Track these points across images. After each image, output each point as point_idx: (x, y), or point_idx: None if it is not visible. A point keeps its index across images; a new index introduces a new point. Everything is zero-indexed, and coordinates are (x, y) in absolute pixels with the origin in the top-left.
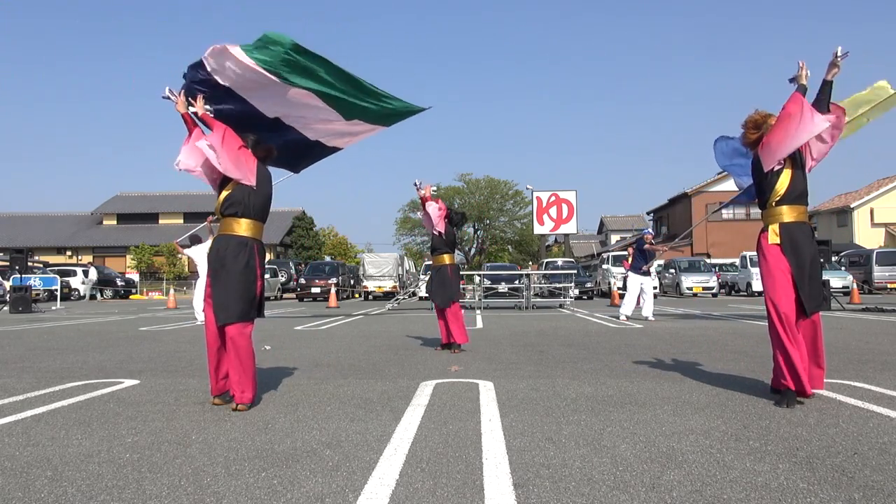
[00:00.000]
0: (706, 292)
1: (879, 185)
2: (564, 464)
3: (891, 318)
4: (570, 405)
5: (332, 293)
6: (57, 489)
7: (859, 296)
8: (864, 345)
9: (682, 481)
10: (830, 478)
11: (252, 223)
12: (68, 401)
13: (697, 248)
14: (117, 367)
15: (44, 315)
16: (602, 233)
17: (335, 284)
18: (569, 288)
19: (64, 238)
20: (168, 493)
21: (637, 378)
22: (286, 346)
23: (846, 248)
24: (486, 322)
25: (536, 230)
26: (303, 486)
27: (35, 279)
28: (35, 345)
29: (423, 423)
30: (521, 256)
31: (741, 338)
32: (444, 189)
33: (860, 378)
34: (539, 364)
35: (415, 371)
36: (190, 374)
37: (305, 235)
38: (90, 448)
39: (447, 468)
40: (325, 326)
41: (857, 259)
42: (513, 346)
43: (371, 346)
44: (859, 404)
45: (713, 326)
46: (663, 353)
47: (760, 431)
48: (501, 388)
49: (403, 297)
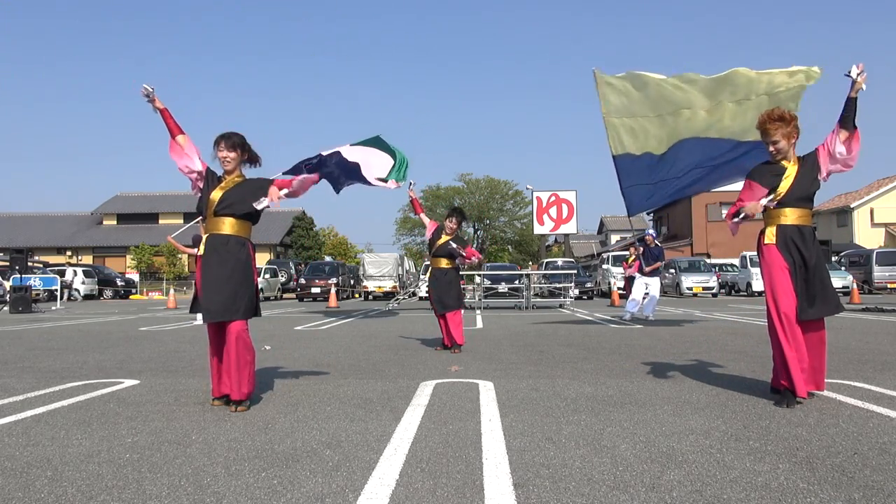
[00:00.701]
0: (706, 292)
1: (879, 185)
2: (564, 464)
3: (891, 318)
4: (570, 405)
5: (332, 293)
6: (57, 489)
7: (859, 296)
8: (864, 345)
9: (682, 481)
10: (830, 478)
11: (246, 223)
12: (68, 401)
13: (697, 248)
14: (117, 367)
15: (44, 315)
16: (602, 233)
17: (335, 284)
18: (569, 288)
19: (64, 238)
20: (168, 493)
21: (637, 378)
22: (286, 346)
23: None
24: (486, 322)
25: (536, 230)
26: (303, 486)
27: (35, 279)
28: (35, 345)
29: (423, 423)
30: (521, 256)
31: (741, 338)
32: (444, 189)
33: (860, 378)
34: (539, 364)
35: (415, 371)
36: (190, 374)
37: (305, 235)
38: (90, 448)
39: (447, 468)
40: (325, 326)
41: (857, 259)
42: (513, 346)
43: (371, 346)
44: (859, 404)
45: (713, 326)
46: (663, 353)
47: (760, 431)
48: (501, 388)
49: (403, 297)
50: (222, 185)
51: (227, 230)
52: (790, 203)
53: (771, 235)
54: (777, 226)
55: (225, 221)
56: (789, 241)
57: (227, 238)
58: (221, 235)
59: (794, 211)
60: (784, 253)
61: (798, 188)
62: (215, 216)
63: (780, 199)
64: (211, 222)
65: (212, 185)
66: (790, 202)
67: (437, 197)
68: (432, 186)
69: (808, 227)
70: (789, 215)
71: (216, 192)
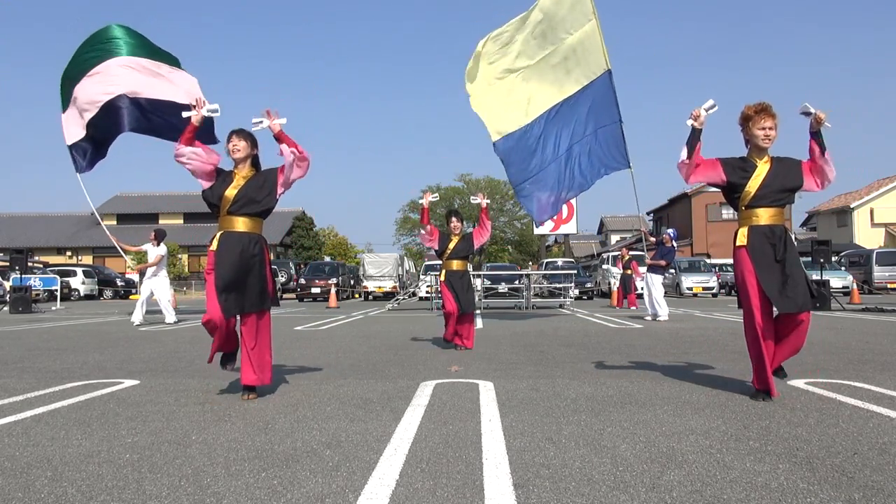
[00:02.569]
0: (706, 292)
1: (879, 185)
2: (564, 464)
3: (891, 318)
4: (570, 405)
5: (332, 293)
6: (57, 489)
7: (859, 296)
8: (864, 345)
9: (682, 481)
10: (830, 478)
11: (258, 220)
12: (68, 401)
13: (697, 248)
14: (117, 367)
15: (44, 315)
16: (602, 233)
17: (335, 285)
18: (569, 288)
19: (64, 238)
20: (168, 493)
21: (637, 378)
22: (286, 346)
23: (846, 248)
24: (486, 322)
25: (536, 230)
26: (303, 486)
27: (35, 279)
28: (35, 345)
29: (423, 424)
30: (521, 256)
31: (741, 338)
32: (444, 189)
33: (860, 378)
34: (539, 364)
35: (415, 371)
36: (190, 375)
37: (305, 235)
38: (90, 448)
39: (447, 468)
40: (325, 327)
41: (857, 259)
42: (513, 346)
43: (371, 346)
44: (859, 404)
45: (713, 326)
46: (663, 353)
47: (760, 431)
48: (501, 389)
49: (403, 297)
50: (234, 184)
51: (240, 228)
52: (761, 203)
53: (742, 237)
54: (749, 227)
55: (238, 220)
56: (761, 241)
57: (239, 235)
58: (235, 233)
59: (766, 211)
60: (754, 255)
61: (767, 188)
62: (229, 214)
63: (751, 199)
64: (225, 220)
65: (224, 183)
66: (761, 202)
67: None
68: (432, 186)
69: (780, 226)
70: (761, 215)
71: (230, 191)
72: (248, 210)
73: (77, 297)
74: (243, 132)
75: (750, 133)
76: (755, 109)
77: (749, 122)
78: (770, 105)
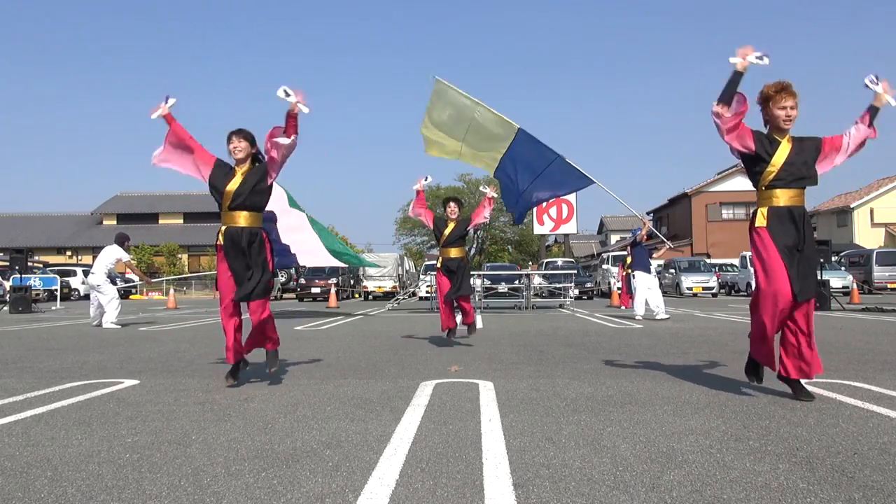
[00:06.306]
0: (706, 292)
1: (879, 185)
2: (564, 464)
3: (891, 318)
4: (570, 405)
5: (332, 293)
6: (57, 489)
7: (859, 296)
8: (864, 345)
9: (682, 481)
10: (830, 478)
11: (258, 214)
12: (68, 401)
13: (697, 248)
14: (117, 367)
15: (43, 315)
16: (602, 233)
17: (335, 284)
18: (569, 288)
19: (64, 238)
20: (168, 493)
21: (637, 378)
22: (286, 346)
23: (846, 248)
24: (486, 322)
25: (536, 230)
26: (303, 486)
27: (35, 279)
28: (35, 345)
29: (423, 424)
30: (521, 256)
31: (741, 338)
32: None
33: (860, 378)
34: (539, 364)
35: (415, 371)
36: (190, 374)
37: None
38: (90, 448)
39: (447, 468)
40: (325, 326)
41: (857, 259)
42: (513, 346)
43: (371, 346)
44: (859, 404)
45: (713, 326)
46: (663, 353)
47: (760, 431)
48: (501, 388)
49: (403, 297)
50: (235, 180)
51: (241, 223)
52: (782, 183)
53: (762, 218)
54: (769, 207)
55: (240, 215)
56: (782, 222)
57: (241, 230)
58: (237, 228)
59: (786, 192)
60: (776, 235)
61: (791, 165)
62: (230, 210)
63: (773, 178)
64: (227, 216)
65: (225, 179)
66: (781, 183)
67: (437, 197)
68: (432, 186)
69: (800, 207)
70: (781, 196)
71: (231, 186)
72: (248, 204)
73: (77, 297)
74: (243, 132)
75: (770, 114)
76: (775, 88)
77: (769, 102)
78: (791, 83)
